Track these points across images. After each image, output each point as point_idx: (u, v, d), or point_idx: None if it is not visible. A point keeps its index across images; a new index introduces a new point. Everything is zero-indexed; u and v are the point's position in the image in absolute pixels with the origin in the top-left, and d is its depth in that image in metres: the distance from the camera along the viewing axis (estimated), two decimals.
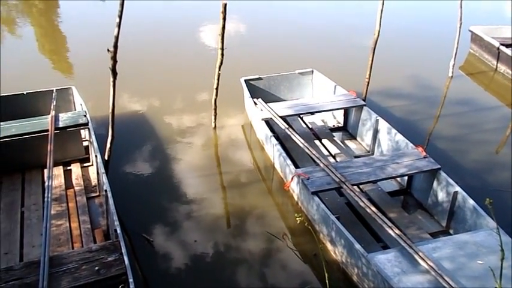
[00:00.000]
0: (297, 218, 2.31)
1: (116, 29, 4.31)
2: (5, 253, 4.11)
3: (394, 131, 5.48)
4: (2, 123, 5.17)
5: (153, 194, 5.27)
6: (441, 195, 4.68)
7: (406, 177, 5.11)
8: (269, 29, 10.98)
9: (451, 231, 4.54)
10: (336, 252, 4.26)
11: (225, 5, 5.48)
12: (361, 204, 4.34)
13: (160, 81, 8.09)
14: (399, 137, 5.40)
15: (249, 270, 4.30)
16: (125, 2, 4.23)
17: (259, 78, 6.77)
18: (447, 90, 7.91)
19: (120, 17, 4.26)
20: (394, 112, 6.87)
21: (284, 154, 5.16)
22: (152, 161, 5.87)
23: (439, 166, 4.75)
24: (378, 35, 6.12)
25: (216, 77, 6.08)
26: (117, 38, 4.34)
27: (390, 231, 4.00)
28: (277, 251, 4.50)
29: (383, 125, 5.65)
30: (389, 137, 5.54)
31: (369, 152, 5.88)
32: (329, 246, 4.39)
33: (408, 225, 4.60)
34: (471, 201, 4.31)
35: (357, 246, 3.81)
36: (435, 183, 4.76)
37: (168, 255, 4.45)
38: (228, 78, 6.33)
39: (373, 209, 4.24)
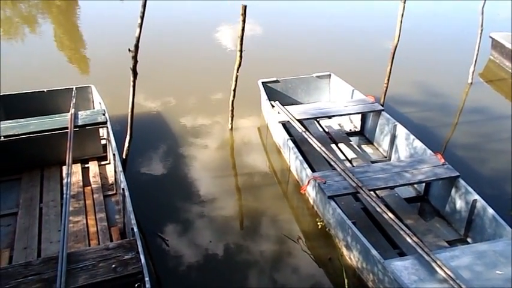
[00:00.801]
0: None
1: (138, 30, 4.35)
2: (24, 248, 4.17)
3: (412, 136, 5.43)
4: (22, 120, 5.26)
5: (168, 193, 5.30)
6: (459, 203, 4.61)
7: (423, 184, 5.05)
8: (286, 31, 10.98)
9: (469, 240, 4.47)
10: (352, 258, 4.22)
11: (245, 7, 5.49)
12: (378, 210, 4.30)
13: (176, 80, 8.16)
14: (417, 143, 5.34)
15: (262, 272, 4.29)
16: (140, 3, 4.26)
17: (277, 81, 6.77)
18: (466, 97, 7.80)
19: (142, 17, 4.31)
20: (412, 118, 6.80)
21: (301, 157, 5.14)
22: (167, 160, 5.91)
23: (458, 174, 4.68)
24: (398, 41, 6.06)
25: (233, 79, 6.10)
26: (138, 38, 4.38)
27: (407, 238, 3.96)
28: (291, 254, 4.48)
29: (401, 130, 5.59)
30: (407, 143, 5.48)
31: (385, 157, 5.83)
32: (344, 251, 4.35)
33: (425, 232, 4.54)
34: (490, 210, 4.24)
35: (374, 252, 3.77)
36: (453, 191, 4.69)
37: (182, 255, 4.47)
38: (244, 79, 6.34)
39: (390, 215, 4.20)
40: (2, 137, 4.92)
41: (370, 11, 12.75)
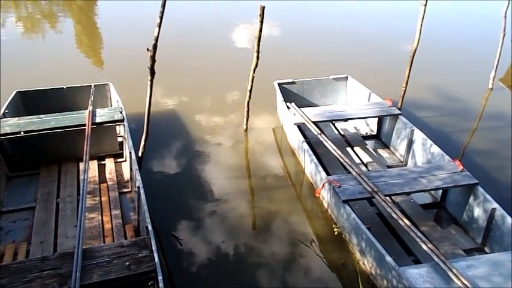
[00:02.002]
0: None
1: (156, 30, 4.38)
2: (41, 242, 4.24)
3: (429, 142, 5.35)
4: (42, 116, 5.35)
5: (182, 192, 5.33)
6: (477, 211, 4.52)
7: (440, 190, 4.98)
8: (303, 31, 10.94)
9: (487, 249, 4.38)
10: (365, 263, 4.18)
11: (263, 8, 5.48)
12: (394, 216, 4.25)
13: (191, 79, 8.20)
14: (435, 148, 5.26)
15: (274, 274, 4.27)
16: (160, 1, 4.28)
17: (293, 82, 6.74)
18: (486, 102, 7.66)
19: (161, 17, 4.33)
20: (430, 123, 6.70)
21: (315, 160, 5.11)
22: (182, 159, 5.94)
23: (476, 181, 4.59)
24: (417, 44, 5.97)
25: (250, 80, 6.09)
26: (157, 38, 4.41)
27: (423, 245, 3.90)
28: (304, 257, 4.45)
29: (418, 135, 5.52)
30: (424, 148, 5.40)
31: (402, 162, 5.75)
32: (358, 256, 4.31)
33: (441, 240, 4.47)
34: (510, 219, 4.15)
35: (388, 258, 3.72)
36: (471, 199, 4.61)
37: (195, 254, 4.48)
38: (260, 80, 6.32)
39: (406, 221, 4.14)
40: (22, 132, 5.01)
41: (389, 11, 12.63)
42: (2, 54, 8.98)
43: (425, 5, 5.71)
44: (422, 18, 5.80)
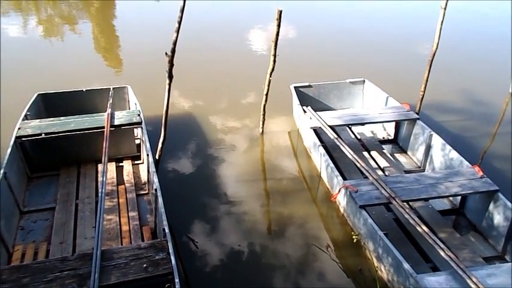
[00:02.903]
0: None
1: (175, 34, 4.42)
2: (60, 242, 4.31)
3: (448, 147, 5.28)
4: (62, 118, 5.45)
5: (198, 194, 5.36)
6: (498, 218, 4.44)
7: (459, 197, 4.90)
8: (320, 33, 10.92)
9: (507, 258, 4.29)
10: (382, 270, 4.14)
11: (280, 12, 5.48)
12: (411, 222, 4.20)
13: (207, 81, 8.25)
14: (454, 154, 5.19)
15: (289, 278, 4.26)
16: (175, 3, 4.31)
17: (309, 86, 6.73)
18: (506, 107, 7.52)
19: (180, 22, 4.37)
20: (448, 127, 6.62)
21: (332, 164, 5.09)
22: (197, 162, 5.98)
23: (497, 188, 4.51)
24: (436, 48, 5.89)
25: (266, 83, 6.10)
26: (175, 43, 4.45)
27: (441, 253, 3.85)
28: (319, 262, 4.44)
29: (437, 140, 5.45)
30: (442, 154, 5.33)
31: (419, 167, 5.68)
32: (375, 262, 4.27)
33: (460, 247, 4.40)
34: None
35: (406, 265, 3.68)
36: (491, 206, 4.53)
37: (211, 257, 4.50)
38: (275, 82, 6.30)
39: (424, 228, 4.09)
40: (43, 134, 5.11)
41: (405, 11, 12.50)
42: (23, 55, 9.20)
43: (445, 9, 5.64)
44: (442, 21, 5.72)
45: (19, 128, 5.20)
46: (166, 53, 4.53)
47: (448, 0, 5.53)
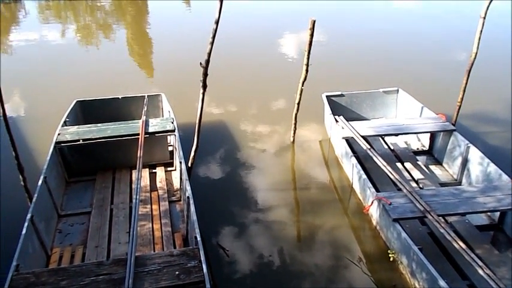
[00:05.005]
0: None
1: (209, 46, 4.48)
2: (95, 246, 4.43)
3: (486, 160, 5.10)
4: (99, 124, 5.62)
5: (229, 202, 5.40)
6: None
7: (497, 212, 4.72)
8: (352, 39, 10.81)
9: None
10: (416, 286, 4.03)
11: (314, 22, 5.47)
12: (447, 237, 4.08)
13: (238, 88, 8.32)
14: (492, 167, 5.01)
15: None
16: (207, 9, 4.37)
17: (341, 95, 6.67)
18: None
19: (214, 34, 4.42)
20: (486, 139, 6.40)
21: (364, 176, 5.02)
22: (228, 169, 6.02)
23: None
24: (475, 57, 5.72)
25: (298, 92, 6.09)
26: (209, 54, 4.51)
27: (479, 270, 3.72)
28: (351, 275, 4.36)
29: (474, 153, 5.28)
30: (480, 167, 5.16)
31: (456, 180, 5.52)
32: (408, 277, 4.17)
33: (498, 264, 4.23)
34: None
35: (442, 283, 3.57)
36: None
37: (240, 265, 4.51)
38: (306, 90, 6.24)
39: (461, 244, 3.97)
40: (81, 140, 5.28)
41: (447, 20, 12.20)
42: (63, 62, 9.56)
43: (485, 18, 5.48)
44: (481, 31, 5.55)
45: (58, 134, 5.39)
46: (200, 63, 4.60)
47: (490, 4, 5.34)
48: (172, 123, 5.65)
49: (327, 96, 6.59)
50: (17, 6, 15.07)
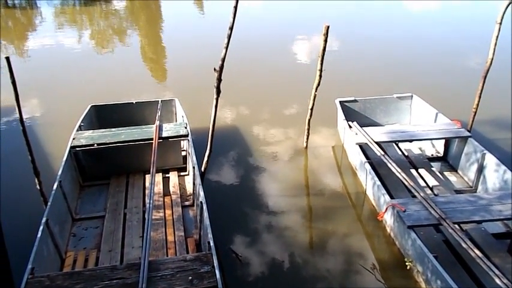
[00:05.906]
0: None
1: (224, 51, 4.50)
2: (109, 250, 4.46)
3: (503, 167, 5.03)
4: (113, 129, 5.67)
5: (241, 207, 5.39)
6: None
7: None
8: (364, 44, 10.76)
9: None
10: None
11: (328, 27, 5.46)
12: (463, 245, 4.02)
13: (251, 93, 8.33)
14: (508, 174, 4.93)
15: None
16: (220, 14, 4.40)
17: (355, 101, 6.64)
18: None
19: (229, 40, 4.44)
20: (503, 146, 6.30)
21: (378, 182, 4.98)
22: (241, 174, 6.02)
23: None
24: (491, 64, 5.65)
25: (311, 98, 6.08)
26: (223, 59, 4.53)
27: (496, 280, 3.66)
28: (365, 283, 4.32)
29: (490, 159, 5.21)
30: (497, 174, 5.08)
31: (471, 187, 5.44)
32: (423, 285, 4.11)
33: None
34: None
35: None
36: None
37: (252, 271, 4.50)
38: (319, 95, 6.21)
39: (477, 252, 3.90)
40: (96, 145, 5.34)
41: (463, 25, 12.08)
42: (77, 67, 9.69)
43: (501, 23, 5.41)
44: (497, 37, 5.49)
45: (73, 138, 5.46)
46: (214, 69, 4.63)
47: (506, 9, 5.27)
48: (186, 128, 5.68)
49: (340, 101, 6.57)
50: (34, 12, 15.37)
